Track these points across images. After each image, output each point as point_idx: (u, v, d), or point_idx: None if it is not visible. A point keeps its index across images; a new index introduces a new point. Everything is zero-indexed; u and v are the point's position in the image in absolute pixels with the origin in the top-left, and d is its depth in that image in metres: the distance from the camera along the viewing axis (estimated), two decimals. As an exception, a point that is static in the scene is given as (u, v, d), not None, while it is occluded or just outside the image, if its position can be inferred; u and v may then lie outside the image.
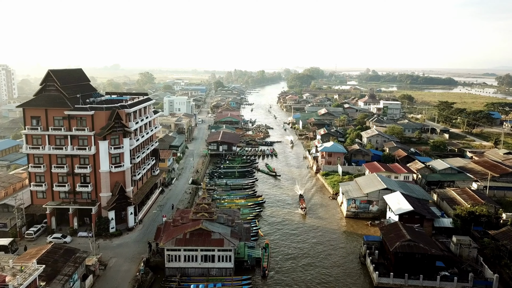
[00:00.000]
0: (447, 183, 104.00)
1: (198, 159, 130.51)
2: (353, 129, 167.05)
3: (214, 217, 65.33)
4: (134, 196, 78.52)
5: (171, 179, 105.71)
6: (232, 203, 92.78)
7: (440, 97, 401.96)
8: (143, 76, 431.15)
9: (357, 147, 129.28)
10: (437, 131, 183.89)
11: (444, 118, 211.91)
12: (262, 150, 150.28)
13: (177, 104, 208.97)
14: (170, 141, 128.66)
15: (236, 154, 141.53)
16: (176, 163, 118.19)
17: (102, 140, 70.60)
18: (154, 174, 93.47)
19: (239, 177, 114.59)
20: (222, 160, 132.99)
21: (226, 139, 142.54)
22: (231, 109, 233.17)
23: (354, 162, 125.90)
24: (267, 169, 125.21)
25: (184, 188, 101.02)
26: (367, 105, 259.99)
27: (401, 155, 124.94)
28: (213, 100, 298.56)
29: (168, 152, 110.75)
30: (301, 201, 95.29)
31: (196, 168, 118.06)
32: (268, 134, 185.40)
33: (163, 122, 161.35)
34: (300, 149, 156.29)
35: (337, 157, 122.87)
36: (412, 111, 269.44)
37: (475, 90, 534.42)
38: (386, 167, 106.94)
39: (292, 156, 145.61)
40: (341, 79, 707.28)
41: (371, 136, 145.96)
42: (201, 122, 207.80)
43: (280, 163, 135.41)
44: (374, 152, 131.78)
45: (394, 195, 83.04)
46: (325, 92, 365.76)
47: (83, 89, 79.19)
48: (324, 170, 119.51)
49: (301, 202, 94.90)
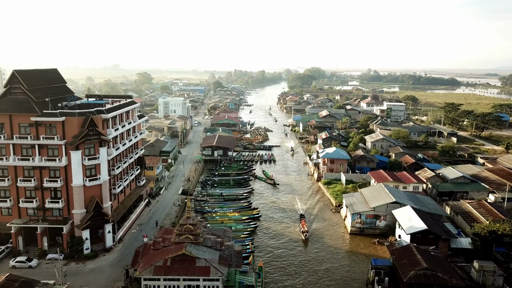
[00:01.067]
0: (460, 194, 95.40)
1: (190, 165, 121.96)
2: (356, 132, 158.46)
3: (200, 239, 56.81)
4: (114, 212, 70.06)
5: (160, 189, 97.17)
6: (224, 216, 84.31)
7: (444, 97, 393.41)
8: (141, 76, 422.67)
9: (361, 153, 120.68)
10: (444, 135, 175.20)
11: (451, 120, 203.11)
12: (260, 155, 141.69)
13: (173, 106, 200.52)
14: (160, 146, 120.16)
15: (232, 159, 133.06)
16: (166, 170, 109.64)
17: (74, 150, 62.09)
18: (139, 185, 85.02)
19: (234, 186, 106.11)
20: (217, 167, 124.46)
21: (222, 143, 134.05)
22: (229, 111, 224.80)
23: (358, 169, 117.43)
24: (265, 176, 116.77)
25: (173, 200, 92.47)
26: (370, 106, 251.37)
27: (408, 161, 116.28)
28: (211, 101, 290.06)
29: (156, 159, 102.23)
30: (302, 223, 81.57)
31: (188, 176, 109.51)
32: (267, 137, 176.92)
33: (156, 125, 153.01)
34: (300, 154, 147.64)
35: (340, 164, 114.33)
36: (416, 112, 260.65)
37: (479, 90, 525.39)
38: (394, 176, 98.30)
39: (291, 161, 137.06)
40: (343, 79, 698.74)
41: (376, 141, 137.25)
42: (197, 124, 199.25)
43: (278, 169, 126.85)
44: (379, 158, 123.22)
45: (404, 210, 74.49)
46: (326, 93, 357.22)
47: (56, 91, 70.75)
48: (326, 178, 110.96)
49: (302, 224, 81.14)
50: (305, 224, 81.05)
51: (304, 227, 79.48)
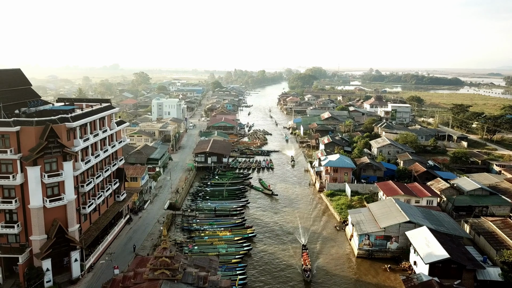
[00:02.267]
0: (478, 209, 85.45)
1: (181, 174, 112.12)
2: (360, 136, 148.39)
3: (179, 276, 46.94)
4: (83, 236, 60.31)
5: (144, 203, 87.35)
6: (214, 236, 74.47)
7: (449, 98, 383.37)
8: (138, 76, 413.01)
9: (367, 160, 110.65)
10: (454, 138, 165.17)
11: (459, 122, 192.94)
12: (257, 161, 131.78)
13: (167, 107, 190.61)
14: (148, 153, 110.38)
15: (228, 166, 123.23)
16: (153, 180, 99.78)
17: (31, 166, 52.31)
18: (118, 200, 75.24)
19: (227, 197, 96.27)
20: (210, 175, 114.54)
21: (216, 149, 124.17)
22: (227, 113, 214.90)
23: (363, 178, 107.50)
24: (262, 186, 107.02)
25: (158, 215, 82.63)
26: (374, 108, 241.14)
27: (419, 170, 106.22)
28: (208, 102, 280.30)
29: (141, 169, 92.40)
30: (304, 257, 66.05)
31: (176, 186, 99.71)
32: (265, 141, 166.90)
33: (146, 128, 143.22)
34: (301, 159, 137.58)
35: (344, 172, 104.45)
36: (422, 114, 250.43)
37: (483, 90, 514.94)
38: (404, 188, 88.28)
39: (291, 168, 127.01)
40: (344, 79, 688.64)
41: (382, 146, 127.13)
42: (193, 127, 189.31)
43: (277, 177, 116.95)
44: (386, 165, 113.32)
45: (420, 232, 64.61)
46: (328, 93, 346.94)
47: (18, 95, 61.10)
48: (329, 188, 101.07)
49: (304, 259, 65.69)
50: (308, 259, 65.74)
51: (306, 263, 64.45)
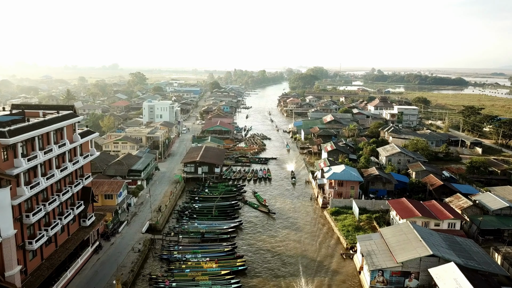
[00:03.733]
0: (508, 232, 73.42)
1: (167, 187, 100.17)
2: (366, 143, 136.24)
3: None
4: (30, 277, 48.47)
5: (119, 225, 75.46)
6: (198, 269, 62.45)
7: (455, 99, 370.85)
8: (134, 77, 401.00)
9: (375, 172, 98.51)
10: (467, 144, 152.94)
11: (471, 126, 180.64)
12: (254, 171, 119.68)
13: (158, 110, 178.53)
14: (130, 164, 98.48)
15: (220, 177, 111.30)
16: (133, 196, 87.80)
17: (-49, 196, 40.60)
18: (84, 225, 63.39)
19: (218, 216, 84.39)
20: (200, 188, 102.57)
21: (208, 158, 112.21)
22: (223, 115, 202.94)
23: (372, 192, 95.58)
24: (257, 201, 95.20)
25: (133, 241, 70.62)
26: (379, 110, 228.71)
27: (434, 183, 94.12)
28: (205, 103, 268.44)
29: (118, 184, 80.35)
30: None
31: (160, 203, 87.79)
32: (263, 146, 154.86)
33: (133, 134, 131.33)
34: (301, 167, 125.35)
35: (351, 186, 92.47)
36: (429, 116, 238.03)
37: (489, 91, 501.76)
38: (421, 207, 76.08)
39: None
40: (346, 79, 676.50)
41: (392, 155, 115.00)
42: (186, 131, 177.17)
43: (275, 190, 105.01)
44: (397, 177, 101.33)
45: (447, 270, 52.53)
46: (330, 94, 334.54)
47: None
48: (333, 205, 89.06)
49: None
50: None
51: None
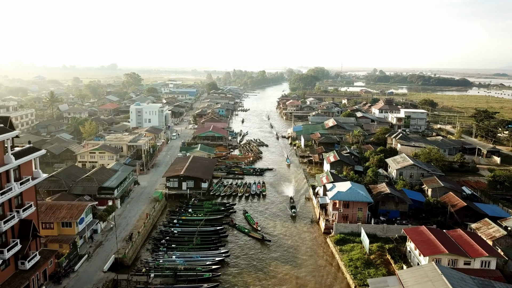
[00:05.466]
0: (554, 271, 59.79)
1: (144, 206, 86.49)
2: (373, 151, 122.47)
3: None
4: None
5: (78, 260, 61.83)
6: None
7: (461, 100, 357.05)
8: (129, 77, 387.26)
9: (386, 189, 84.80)
10: (483, 152, 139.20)
11: (485, 132, 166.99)
12: (247, 184, 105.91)
13: (147, 114, 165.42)
14: (103, 179, 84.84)
15: (208, 192, 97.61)
16: (100, 221, 74.08)
17: None
18: (23, 268, 49.90)
19: (200, 245, 70.80)
20: (183, 207, 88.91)
21: (194, 171, 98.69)
22: (217, 119, 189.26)
23: (382, 213, 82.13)
24: (247, 222, 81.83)
25: (90, 285, 56.86)
26: (384, 113, 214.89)
27: (456, 204, 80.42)
28: (200, 106, 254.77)
29: (78, 208, 66.62)
30: None
31: (133, 228, 74.19)
32: (260, 154, 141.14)
33: (113, 142, 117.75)
34: (300, 178, 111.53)
35: (358, 208, 78.83)
36: (436, 120, 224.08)
37: (495, 92, 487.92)
38: (446, 240, 62.23)
39: (288, 193, 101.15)
40: (348, 80, 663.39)
41: (403, 168, 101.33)
42: (176, 137, 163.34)
43: (270, 208, 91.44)
44: (410, 194, 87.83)
45: None
46: (331, 96, 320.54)
47: None
48: (338, 231, 75.44)
49: None
50: None
51: None
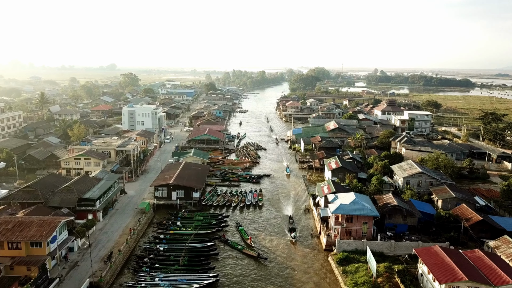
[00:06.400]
0: None
1: (130, 219, 79.22)
2: (377, 157, 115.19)
3: None
4: None
5: (47, 285, 54.47)
6: None
7: (464, 101, 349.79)
8: (126, 78, 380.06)
9: (393, 201, 77.46)
10: (493, 157, 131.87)
11: (493, 135, 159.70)
12: (242, 193, 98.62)
13: (140, 116, 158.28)
14: (83, 190, 77.55)
15: (199, 203, 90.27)
16: (77, 238, 66.69)
17: None
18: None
19: (187, 266, 63.57)
20: (171, 219, 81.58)
21: (185, 179, 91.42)
22: (214, 121, 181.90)
23: (389, 227, 74.91)
24: (240, 236, 74.72)
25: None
26: (386, 114, 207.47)
27: (470, 217, 73.18)
28: (196, 107, 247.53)
29: (49, 226, 59.27)
30: None
31: (114, 245, 66.94)
32: (257, 159, 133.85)
33: (100, 147, 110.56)
34: (300, 190, 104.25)
35: (363, 222, 71.59)
36: (441, 122, 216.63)
37: (498, 92, 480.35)
38: (464, 263, 54.90)
39: (285, 203, 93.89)
40: (349, 80, 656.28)
41: (411, 176, 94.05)
42: (170, 140, 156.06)
43: (266, 219, 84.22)
44: (419, 206, 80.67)
45: None
46: (332, 97, 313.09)
47: None
48: (341, 249, 68.14)
49: None
50: None
51: None
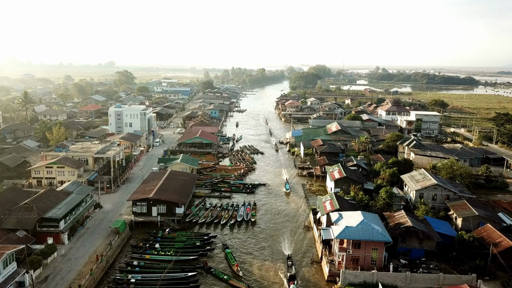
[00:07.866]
0: None
1: (101, 241, 68.04)
2: (384, 164, 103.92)
3: None
4: None
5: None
6: None
7: (470, 100, 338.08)
8: (121, 75, 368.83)
9: (407, 221, 66.22)
10: (510, 163, 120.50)
11: (508, 138, 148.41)
12: (234, 206, 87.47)
13: (127, 117, 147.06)
14: (45, 208, 66.33)
15: (184, 219, 79.09)
16: (30, 270, 55.48)
17: None
18: None
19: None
20: (149, 241, 70.43)
21: (167, 192, 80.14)
22: (207, 123, 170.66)
23: (402, 252, 63.82)
24: (226, 261, 63.71)
25: None
26: (391, 115, 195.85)
27: (499, 242, 62.03)
28: (190, 107, 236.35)
29: (-10, 260, 48.37)
30: None
31: (75, 277, 55.86)
32: (253, 164, 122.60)
33: (77, 154, 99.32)
34: (298, 196, 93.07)
35: (372, 248, 60.49)
36: (449, 122, 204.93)
37: (503, 91, 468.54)
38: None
39: (283, 218, 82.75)
40: (350, 78, 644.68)
41: (424, 188, 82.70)
42: (159, 143, 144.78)
43: (257, 241, 73.08)
44: (435, 224, 69.57)
45: None
46: (334, 96, 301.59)
47: None
48: (346, 281, 57.05)
49: None
50: None
51: None
